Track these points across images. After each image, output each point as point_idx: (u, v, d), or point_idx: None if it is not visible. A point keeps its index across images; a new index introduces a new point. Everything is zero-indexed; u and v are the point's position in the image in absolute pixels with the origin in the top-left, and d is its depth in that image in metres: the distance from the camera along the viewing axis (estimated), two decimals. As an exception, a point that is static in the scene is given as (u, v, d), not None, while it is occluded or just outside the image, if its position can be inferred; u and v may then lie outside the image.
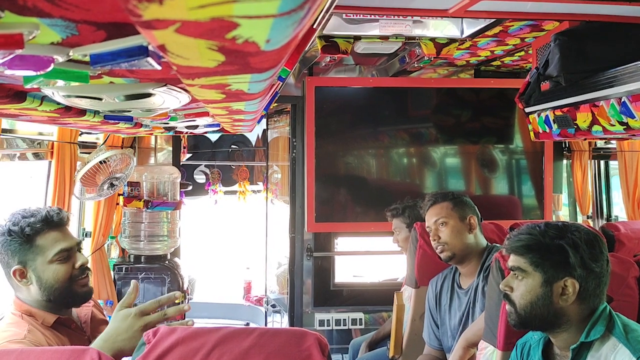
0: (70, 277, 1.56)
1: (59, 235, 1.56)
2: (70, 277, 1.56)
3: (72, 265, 1.57)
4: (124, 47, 0.57)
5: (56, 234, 1.55)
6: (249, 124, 1.99)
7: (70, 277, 1.56)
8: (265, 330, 1.25)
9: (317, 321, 3.83)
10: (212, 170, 5.81)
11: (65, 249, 1.55)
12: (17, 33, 0.48)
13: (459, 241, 2.21)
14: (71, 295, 1.57)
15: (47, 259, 1.52)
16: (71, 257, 1.57)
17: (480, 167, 3.92)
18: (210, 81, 0.66)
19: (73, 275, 1.57)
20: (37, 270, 1.52)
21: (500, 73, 3.88)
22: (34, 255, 1.52)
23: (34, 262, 1.52)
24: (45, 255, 1.52)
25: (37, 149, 2.51)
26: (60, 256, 1.54)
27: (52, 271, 1.53)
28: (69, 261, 1.56)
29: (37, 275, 1.53)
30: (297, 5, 0.34)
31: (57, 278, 1.53)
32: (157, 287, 3.38)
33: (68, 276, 1.55)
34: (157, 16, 0.35)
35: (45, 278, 1.53)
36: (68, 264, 1.56)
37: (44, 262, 1.52)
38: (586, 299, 1.39)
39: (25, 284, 1.53)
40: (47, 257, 1.52)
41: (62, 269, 1.54)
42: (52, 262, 1.53)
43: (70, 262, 1.57)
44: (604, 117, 1.76)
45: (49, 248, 1.53)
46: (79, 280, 1.58)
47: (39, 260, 1.52)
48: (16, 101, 1.03)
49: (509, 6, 1.96)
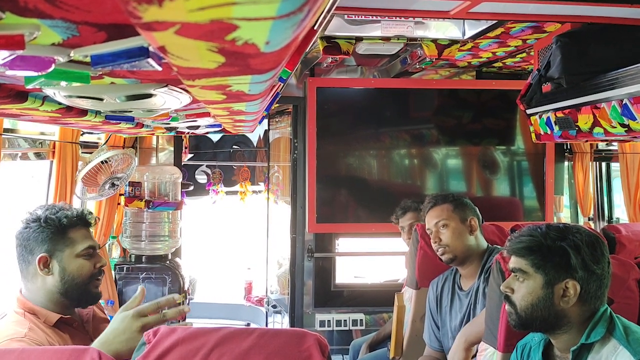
0: (91, 275, 1.61)
1: (88, 233, 1.63)
2: (91, 275, 1.61)
3: (94, 264, 1.62)
4: (124, 48, 0.57)
5: (86, 232, 1.63)
6: (250, 125, 1.99)
7: (91, 274, 1.61)
8: (265, 330, 1.25)
9: (318, 322, 3.83)
10: (214, 170, 5.82)
11: (93, 246, 1.62)
12: (18, 34, 0.49)
13: (460, 243, 2.20)
14: (85, 293, 1.61)
15: (75, 252, 1.57)
16: (94, 256, 1.63)
17: (482, 169, 3.92)
18: (210, 82, 0.66)
19: (93, 273, 1.61)
20: (63, 262, 1.56)
21: (502, 74, 3.88)
22: (64, 246, 1.56)
23: (62, 252, 1.56)
24: (74, 248, 1.57)
25: (39, 149, 2.52)
26: (88, 252, 1.60)
27: (78, 264, 1.58)
28: (92, 259, 1.61)
29: (61, 266, 1.56)
30: (296, 7, 0.34)
31: (80, 272, 1.58)
32: (158, 287, 3.38)
33: (90, 273, 1.60)
34: (156, 18, 0.35)
35: (69, 270, 1.57)
36: (91, 262, 1.61)
37: (72, 255, 1.57)
38: (587, 300, 1.39)
39: (46, 273, 1.56)
40: (76, 250, 1.57)
41: (87, 264, 1.59)
42: (79, 256, 1.58)
43: (93, 261, 1.62)
44: (606, 119, 1.76)
45: (80, 242, 1.58)
46: (96, 280, 1.63)
47: (67, 251, 1.57)
48: (18, 101, 1.04)
49: (510, 8, 1.96)
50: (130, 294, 3.35)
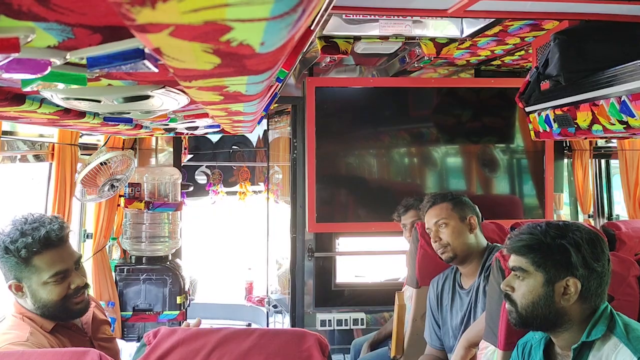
0: (65, 297, 1.55)
1: (56, 256, 1.53)
2: (65, 297, 1.55)
3: (67, 286, 1.55)
4: (120, 50, 0.57)
5: (53, 255, 1.52)
6: (249, 125, 1.99)
7: (65, 296, 1.55)
8: (265, 330, 1.26)
9: (319, 321, 3.83)
10: (213, 171, 5.82)
11: (60, 271, 1.53)
12: (12, 37, 0.49)
13: (460, 242, 2.20)
14: (65, 312, 1.57)
15: (41, 280, 1.51)
16: (67, 278, 1.55)
17: (481, 167, 3.92)
18: (207, 83, 0.66)
19: (68, 295, 1.55)
20: (32, 288, 1.52)
21: (501, 72, 3.88)
22: (30, 274, 1.51)
23: (30, 280, 1.51)
24: (40, 276, 1.51)
25: (38, 151, 2.52)
26: (56, 279, 1.52)
27: (47, 291, 1.52)
28: (64, 281, 1.54)
29: (31, 291, 1.52)
30: (290, 8, 0.34)
31: (50, 298, 1.53)
32: (159, 288, 3.38)
33: (62, 296, 1.54)
34: (150, 20, 0.35)
35: (39, 296, 1.52)
36: (63, 285, 1.54)
37: (39, 282, 1.51)
38: (588, 298, 1.39)
39: (21, 296, 1.54)
40: (42, 278, 1.51)
41: (57, 289, 1.53)
42: (46, 284, 1.52)
43: (66, 282, 1.55)
44: (604, 116, 1.75)
45: (45, 270, 1.51)
46: (73, 299, 1.57)
47: (34, 279, 1.51)
48: (15, 104, 1.04)
49: (508, 6, 1.96)
50: (131, 295, 3.35)
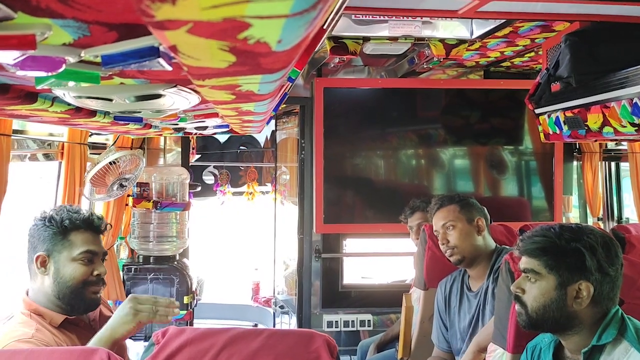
0: (85, 281, 1.58)
1: (91, 238, 1.61)
2: (85, 281, 1.58)
3: (91, 271, 1.59)
4: (135, 48, 0.57)
5: (89, 236, 1.60)
6: (258, 125, 1.99)
7: (85, 280, 1.58)
8: (273, 331, 1.25)
9: (326, 322, 3.83)
10: (221, 171, 5.82)
11: (92, 250, 1.59)
12: (29, 34, 0.49)
13: (468, 244, 2.19)
14: (80, 299, 1.59)
15: (71, 255, 1.56)
16: (93, 263, 1.61)
17: (490, 169, 3.90)
18: (220, 82, 0.66)
19: (88, 280, 1.59)
20: (59, 263, 1.56)
21: (510, 74, 3.86)
22: (62, 247, 1.56)
23: (60, 254, 1.56)
24: (71, 251, 1.56)
25: (48, 150, 2.53)
26: (85, 257, 1.58)
27: (72, 268, 1.56)
28: (90, 265, 1.59)
29: (56, 267, 1.56)
30: (310, 5, 0.34)
31: (73, 276, 1.56)
32: (166, 287, 3.38)
33: (83, 278, 1.58)
34: (169, 16, 0.35)
35: (62, 273, 1.56)
36: (88, 268, 1.59)
37: (68, 258, 1.56)
38: (600, 302, 1.37)
39: (43, 272, 1.56)
40: (73, 253, 1.56)
41: (81, 269, 1.57)
42: (74, 260, 1.57)
43: (91, 267, 1.60)
44: (615, 118, 1.74)
45: (78, 246, 1.57)
46: (91, 287, 1.61)
47: (64, 254, 1.56)
48: (28, 102, 1.04)
49: (519, 7, 1.95)
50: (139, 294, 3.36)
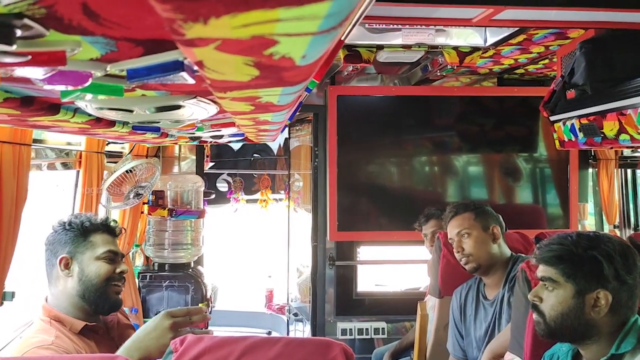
0: (109, 278, 1.64)
1: (110, 239, 1.68)
2: (109, 278, 1.64)
3: (114, 269, 1.65)
4: (160, 62, 0.59)
5: (109, 237, 1.68)
6: (273, 134, 2.01)
7: (109, 277, 1.64)
8: (291, 339, 1.26)
9: (340, 330, 3.82)
10: (235, 178, 5.85)
11: (114, 250, 1.66)
12: (60, 50, 0.50)
13: (484, 252, 2.18)
14: (103, 297, 1.63)
15: (95, 255, 1.62)
16: (115, 262, 1.67)
17: (504, 176, 3.88)
18: (241, 94, 0.67)
19: (112, 277, 1.65)
20: (83, 263, 1.61)
21: (524, 81, 3.85)
22: (84, 248, 1.62)
23: (83, 255, 1.61)
24: (94, 251, 1.62)
25: (66, 159, 2.56)
26: (108, 256, 1.64)
27: (97, 267, 1.61)
28: (113, 264, 1.65)
29: (81, 267, 1.60)
30: (337, 23, 0.35)
31: (98, 274, 1.61)
32: (181, 295, 3.40)
33: (108, 276, 1.63)
34: (199, 35, 0.36)
35: (87, 271, 1.61)
36: (112, 266, 1.65)
37: (92, 257, 1.62)
38: (618, 311, 1.36)
39: (67, 274, 1.60)
40: (96, 253, 1.62)
41: (105, 267, 1.63)
42: (98, 259, 1.62)
43: (114, 266, 1.66)
44: (632, 125, 1.73)
45: (100, 246, 1.63)
46: (114, 285, 1.66)
47: (87, 254, 1.62)
48: (50, 113, 1.06)
49: (533, 15, 1.94)
50: (154, 301, 3.38)
